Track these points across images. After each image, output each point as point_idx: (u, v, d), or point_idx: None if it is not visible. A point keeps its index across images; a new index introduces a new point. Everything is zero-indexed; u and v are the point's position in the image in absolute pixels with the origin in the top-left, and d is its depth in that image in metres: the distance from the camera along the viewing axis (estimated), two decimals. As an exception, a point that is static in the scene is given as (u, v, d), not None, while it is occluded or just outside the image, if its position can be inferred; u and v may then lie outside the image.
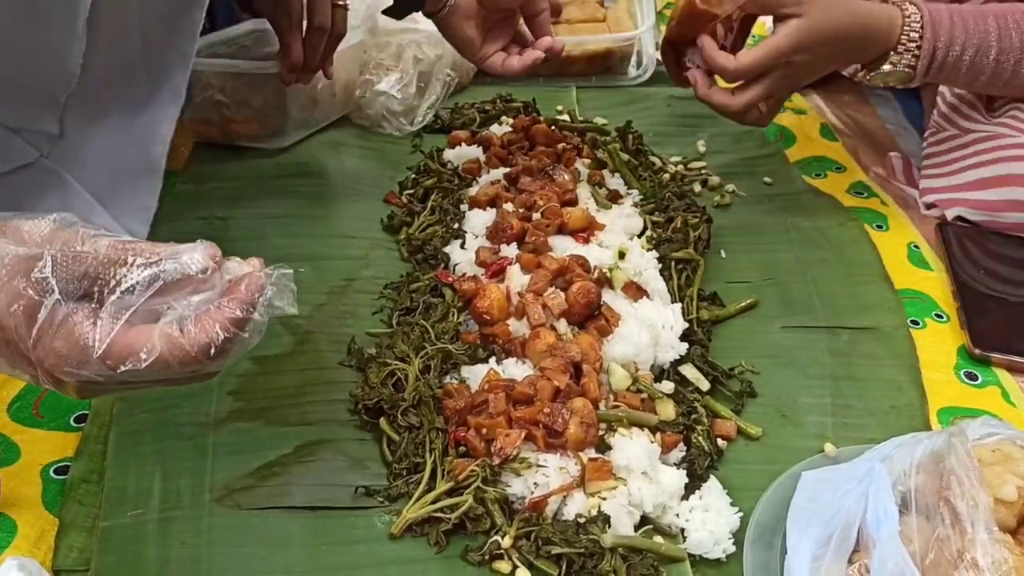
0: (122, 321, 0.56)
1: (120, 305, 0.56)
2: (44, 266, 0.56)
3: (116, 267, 0.57)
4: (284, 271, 0.61)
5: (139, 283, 0.57)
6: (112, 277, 0.57)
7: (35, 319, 0.55)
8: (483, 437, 0.81)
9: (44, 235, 0.58)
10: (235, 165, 1.24)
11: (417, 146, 1.34)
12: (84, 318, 0.56)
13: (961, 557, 0.62)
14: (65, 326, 0.56)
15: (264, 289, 0.59)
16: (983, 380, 0.97)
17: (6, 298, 0.55)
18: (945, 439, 0.69)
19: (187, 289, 0.58)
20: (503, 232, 1.05)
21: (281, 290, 0.61)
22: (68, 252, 0.56)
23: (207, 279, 0.58)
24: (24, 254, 0.56)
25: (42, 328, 0.55)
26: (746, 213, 1.22)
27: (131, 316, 0.56)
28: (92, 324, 0.56)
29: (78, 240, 0.58)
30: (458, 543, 0.76)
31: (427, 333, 0.94)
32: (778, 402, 0.92)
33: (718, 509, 0.78)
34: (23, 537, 0.75)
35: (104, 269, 0.57)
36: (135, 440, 0.82)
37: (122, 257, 0.57)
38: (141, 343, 0.56)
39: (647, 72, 1.56)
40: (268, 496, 0.79)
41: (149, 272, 0.57)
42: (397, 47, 1.36)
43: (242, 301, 0.58)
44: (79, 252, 0.57)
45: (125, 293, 0.56)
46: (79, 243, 0.58)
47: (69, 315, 0.56)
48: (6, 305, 0.55)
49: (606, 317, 0.93)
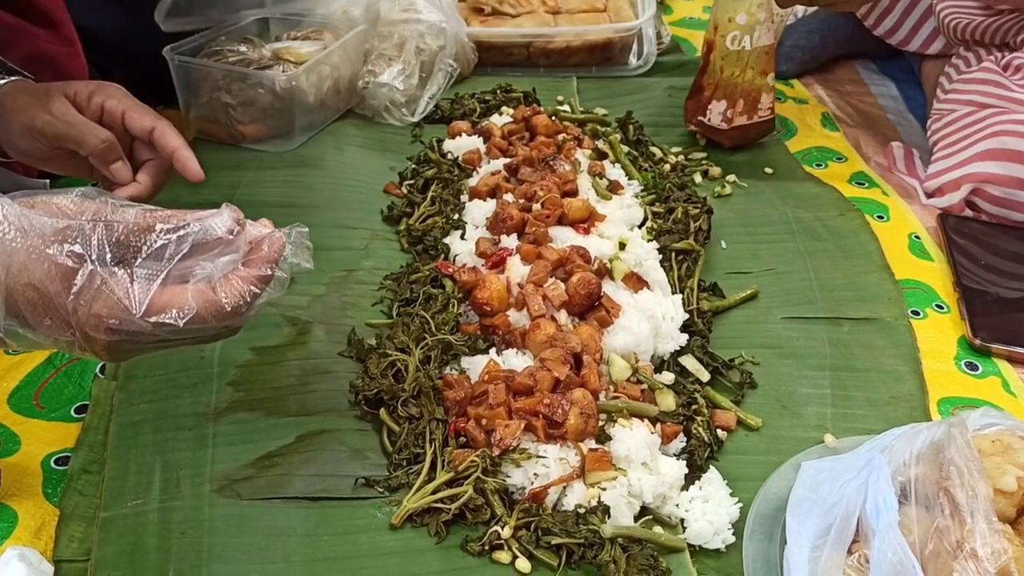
0: (158, 282, 0.61)
1: (153, 268, 0.61)
2: (77, 236, 0.60)
3: (145, 233, 0.62)
4: (301, 229, 0.68)
5: (169, 246, 0.62)
6: (143, 242, 0.62)
7: (72, 284, 0.60)
8: (483, 428, 0.81)
9: (74, 207, 0.61)
10: (234, 155, 1.24)
11: (417, 136, 1.34)
12: (120, 281, 0.61)
13: (960, 547, 0.62)
14: (103, 290, 0.60)
15: (284, 247, 0.65)
16: (983, 370, 0.97)
17: (45, 266, 0.59)
18: (945, 429, 0.69)
19: (215, 251, 0.63)
20: (503, 223, 1.05)
21: (298, 247, 0.68)
22: (99, 220, 0.61)
23: (233, 241, 0.64)
24: (59, 225, 0.60)
25: (80, 292, 0.60)
26: (747, 204, 1.22)
27: (164, 278, 0.62)
28: (128, 286, 0.61)
29: (107, 210, 0.62)
30: (458, 533, 0.76)
31: (427, 324, 0.94)
32: (778, 393, 0.92)
33: (718, 499, 0.79)
34: (24, 527, 0.75)
35: (135, 235, 0.62)
36: (135, 430, 0.83)
37: (150, 223, 0.62)
38: (178, 301, 0.61)
39: (648, 62, 1.55)
40: (268, 486, 0.79)
41: (177, 235, 0.62)
42: (399, 37, 1.36)
43: (266, 260, 0.64)
44: (110, 220, 0.61)
45: (155, 256, 0.61)
46: (109, 212, 0.61)
47: (105, 279, 0.60)
48: (45, 272, 0.59)
49: (606, 308, 0.93)
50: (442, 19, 1.38)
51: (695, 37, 1.72)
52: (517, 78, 1.48)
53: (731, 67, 1.26)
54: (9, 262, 0.59)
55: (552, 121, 1.29)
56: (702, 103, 1.30)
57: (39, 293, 0.60)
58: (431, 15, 1.36)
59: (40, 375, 0.90)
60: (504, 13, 1.58)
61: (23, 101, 0.87)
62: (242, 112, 1.22)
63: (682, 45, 1.68)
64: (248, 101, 1.21)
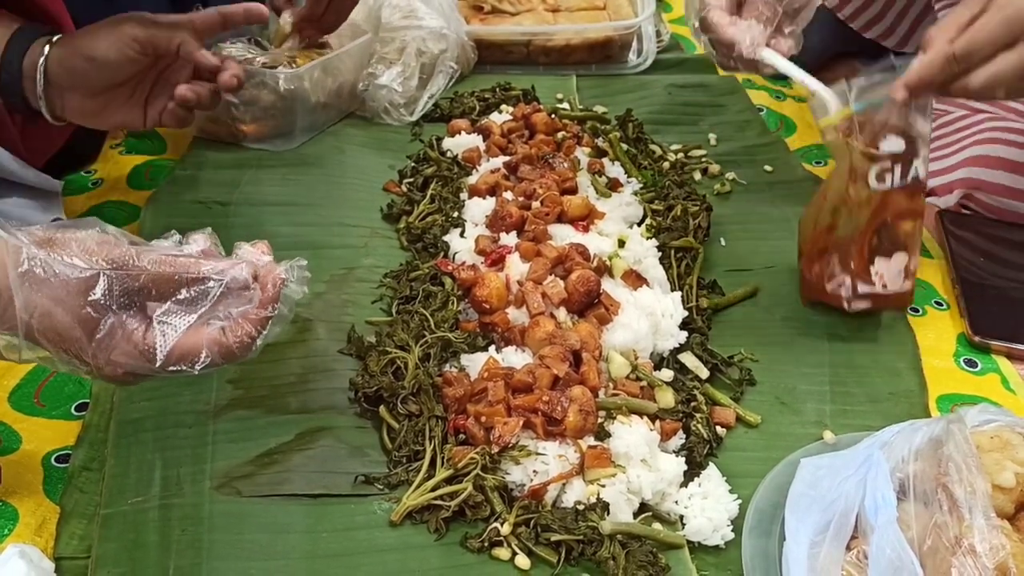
0: (178, 336, 0.65)
1: (173, 320, 0.65)
2: (101, 285, 0.63)
3: (167, 284, 0.65)
4: (301, 263, 0.71)
5: (189, 300, 0.66)
6: (164, 293, 0.65)
7: (94, 334, 0.64)
8: (482, 425, 0.81)
9: (96, 246, 0.64)
10: (235, 153, 1.24)
11: (417, 135, 1.34)
12: (140, 332, 0.65)
13: (959, 543, 0.62)
14: (122, 338, 0.64)
15: (283, 284, 0.69)
16: (982, 367, 0.97)
17: (69, 315, 0.63)
18: (944, 426, 0.69)
19: (229, 300, 0.67)
20: (503, 220, 1.05)
21: (298, 280, 0.70)
22: (121, 271, 0.64)
23: (248, 294, 0.67)
24: (83, 275, 0.63)
25: (101, 341, 0.64)
26: (746, 201, 1.22)
27: (184, 331, 0.66)
28: (148, 337, 0.65)
29: (129, 256, 0.64)
30: (457, 530, 0.76)
31: (427, 321, 0.94)
32: (777, 389, 0.92)
33: (717, 496, 0.79)
34: (25, 525, 0.75)
35: (157, 285, 0.65)
36: (136, 428, 0.83)
37: (172, 274, 0.65)
38: (194, 351, 0.66)
39: (647, 60, 1.55)
40: (268, 483, 0.79)
41: (198, 289, 0.66)
42: (400, 42, 1.36)
43: (270, 300, 0.68)
44: (132, 269, 0.64)
45: (176, 311, 0.65)
46: (132, 258, 0.64)
47: (126, 331, 0.64)
48: (69, 322, 0.63)
49: (605, 305, 0.93)
50: (443, 25, 1.38)
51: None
52: (516, 76, 1.48)
53: (888, 208, 0.91)
54: (32, 307, 0.62)
55: (551, 119, 1.30)
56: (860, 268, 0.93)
57: (61, 336, 0.63)
58: (432, 21, 1.36)
59: (41, 373, 0.90)
60: (503, 11, 1.58)
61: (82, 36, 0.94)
62: (244, 111, 1.22)
63: (681, 43, 1.68)
64: (250, 100, 1.21)
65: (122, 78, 0.98)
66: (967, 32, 0.86)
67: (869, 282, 0.94)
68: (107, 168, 1.24)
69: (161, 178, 1.20)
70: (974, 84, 0.86)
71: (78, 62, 0.94)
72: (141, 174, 1.23)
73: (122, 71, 0.97)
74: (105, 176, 1.22)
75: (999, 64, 0.85)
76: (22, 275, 0.61)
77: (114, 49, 0.94)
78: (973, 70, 0.86)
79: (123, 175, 1.23)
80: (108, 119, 1.00)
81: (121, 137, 1.29)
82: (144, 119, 1.01)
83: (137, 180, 1.22)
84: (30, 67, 0.94)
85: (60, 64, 0.94)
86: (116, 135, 1.29)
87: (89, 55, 0.94)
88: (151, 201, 1.13)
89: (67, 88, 0.95)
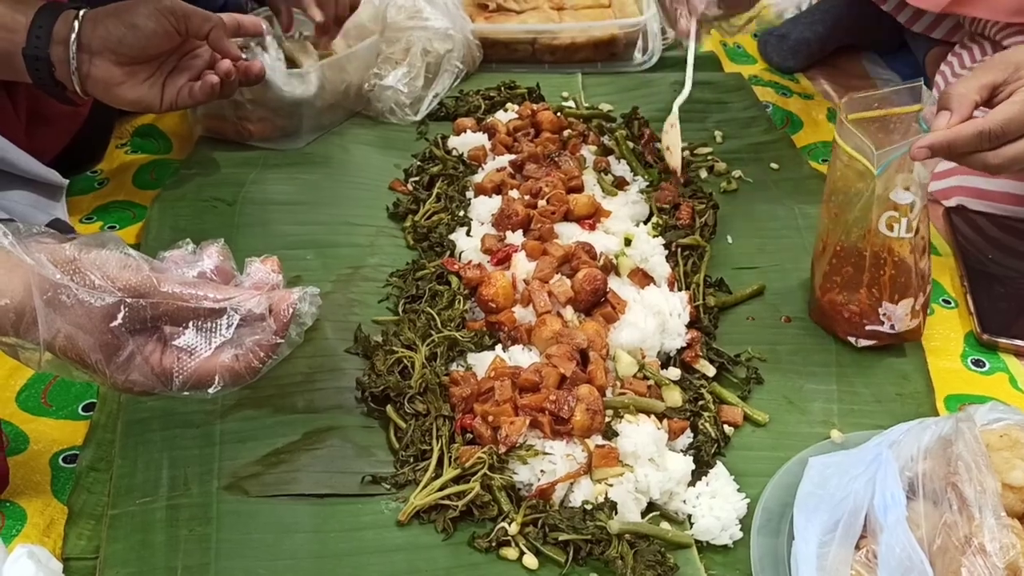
0: (194, 364, 0.68)
1: (192, 348, 0.68)
2: (123, 313, 0.66)
3: (187, 313, 0.68)
4: (313, 292, 0.73)
5: (207, 331, 0.69)
6: (184, 321, 0.68)
7: (114, 358, 0.67)
8: (489, 424, 0.81)
9: (116, 274, 0.66)
10: (241, 152, 1.24)
11: (422, 133, 1.33)
12: (159, 358, 0.68)
13: (968, 542, 0.62)
14: (140, 361, 0.67)
15: (295, 311, 0.71)
16: (990, 367, 0.96)
17: (92, 340, 0.66)
18: (953, 424, 0.68)
19: (243, 328, 0.69)
20: (509, 219, 1.05)
21: (310, 306, 0.73)
22: (142, 299, 0.66)
23: (262, 324, 0.70)
24: (105, 304, 0.65)
25: (120, 364, 0.67)
26: (753, 199, 1.22)
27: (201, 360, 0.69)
28: (166, 362, 0.68)
29: (149, 283, 0.67)
30: (465, 530, 0.76)
31: (433, 321, 0.94)
32: (784, 388, 0.92)
33: (725, 495, 0.78)
34: (33, 525, 0.76)
35: (177, 314, 0.68)
36: (143, 428, 0.83)
37: (190, 302, 0.68)
38: (208, 378, 0.69)
39: (652, 58, 1.55)
40: (276, 483, 0.79)
41: (217, 322, 0.69)
42: (407, 42, 1.36)
43: (283, 329, 0.70)
44: (152, 297, 0.66)
45: (194, 340, 0.68)
46: (152, 286, 0.67)
47: (142, 351, 0.67)
48: (91, 345, 0.66)
49: (612, 304, 0.93)
50: (448, 25, 1.38)
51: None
52: (522, 74, 1.48)
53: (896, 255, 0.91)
54: (56, 330, 0.65)
55: (557, 117, 1.29)
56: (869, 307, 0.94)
57: (81, 357, 0.66)
58: (438, 21, 1.36)
59: (47, 373, 0.90)
60: (509, 9, 1.58)
61: (120, 6, 0.99)
62: (251, 110, 1.22)
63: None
64: (257, 99, 1.21)
65: (152, 51, 1.01)
66: (1001, 111, 0.85)
67: (877, 322, 0.94)
68: (113, 168, 1.24)
69: (167, 177, 1.20)
70: (995, 160, 0.86)
71: (114, 26, 0.98)
72: (147, 173, 1.23)
73: (155, 42, 1.00)
74: (111, 176, 1.23)
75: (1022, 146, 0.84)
76: (47, 301, 0.64)
77: (153, 19, 0.99)
78: (1000, 147, 0.85)
79: (129, 175, 1.23)
80: (127, 93, 1.02)
81: (127, 137, 1.29)
82: (160, 100, 1.04)
83: (143, 180, 1.22)
84: (62, 30, 0.96)
85: (95, 26, 0.97)
86: (122, 135, 1.29)
87: (129, 21, 0.98)
88: (157, 201, 1.14)
89: (97, 52, 0.98)
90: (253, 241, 1.06)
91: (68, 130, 1.16)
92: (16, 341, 0.66)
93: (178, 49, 1.05)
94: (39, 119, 1.10)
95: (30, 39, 0.96)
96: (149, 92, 1.03)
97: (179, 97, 1.05)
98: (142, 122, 1.32)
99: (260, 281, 0.73)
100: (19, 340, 0.66)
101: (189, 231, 1.06)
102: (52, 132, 1.13)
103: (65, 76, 0.98)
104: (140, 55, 1.01)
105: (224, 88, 1.06)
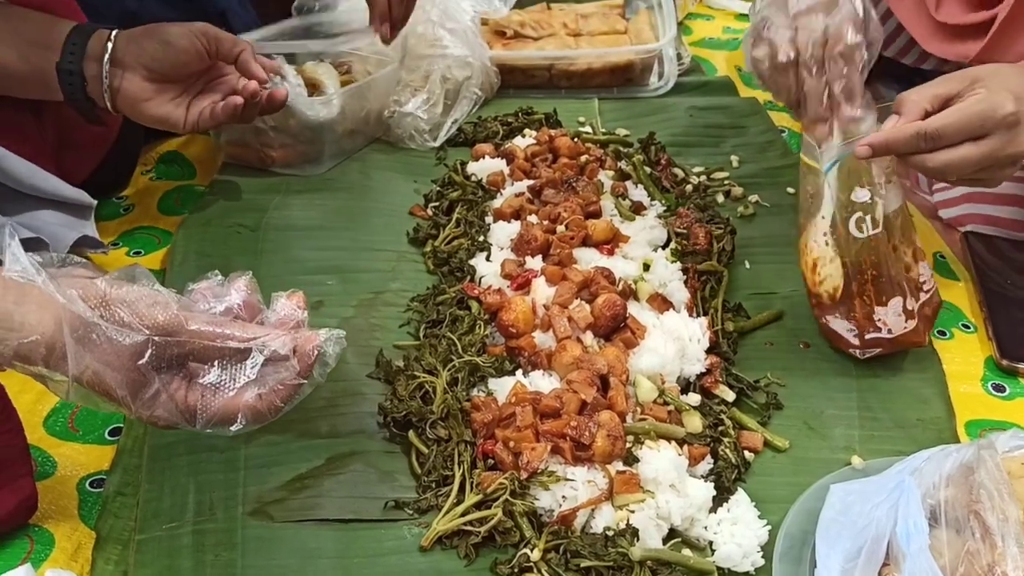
0: (219, 403, 0.70)
1: (216, 386, 0.70)
2: (149, 353, 0.67)
3: (213, 353, 0.70)
4: (339, 334, 0.74)
5: (233, 370, 0.70)
6: (210, 360, 0.70)
7: (141, 395, 0.68)
8: (511, 450, 0.81)
9: (145, 312, 0.68)
10: (264, 178, 1.25)
11: (442, 159, 1.35)
12: (184, 396, 0.69)
13: (991, 571, 0.62)
14: (166, 397, 0.69)
15: (320, 352, 0.72)
16: (1011, 392, 0.96)
17: (119, 377, 0.67)
18: (975, 452, 0.69)
19: (267, 368, 0.71)
20: (528, 244, 1.06)
21: (335, 347, 0.73)
22: (170, 338, 0.68)
23: (286, 363, 0.71)
24: (134, 342, 0.67)
25: (146, 400, 0.69)
26: (770, 224, 1.22)
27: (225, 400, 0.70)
28: (187, 395, 0.69)
29: (177, 323, 0.68)
30: (487, 556, 0.77)
31: (454, 346, 0.95)
32: (804, 414, 0.92)
33: (746, 522, 0.79)
34: (60, 550, 0.77)
35: (203, 353, 0.69)
36: (169, 453, 0.84)
37: (216, 341, 0.69)
38: (231, 416, 0.70)
39: (668, 83, 1.56)
40: (299, 508, 0.80)
41: (242, 363, 0.70)
42: (426, 70, 1.38)
43: (305, 368, 0.71)
44: (180, 335, 0.68)
45: (219, 378, 0.70)
46: (180, 325, 0.68)
47: (168, 388, 0.69)
48: (119, 382, 0.67)
49: (632, 329, 0.94)
50: (467, 53, 1.40)
51: (715, 57, 1.73)
52: (539, 100, 1.49)
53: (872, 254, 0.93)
54: (84, 366, 0.66)
55: (574, 143, 1.31)
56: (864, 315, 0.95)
57: (108, 392, 0.68)
58: (457, 49, 1.38)
59: (75, 398, 0.91)
60: (526, 36, 1.60)
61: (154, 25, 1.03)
62: (273, 137, 1.24)
63: (702, 65, 1.69)
64: (279, 126, 1.23)
65: (183, 69, 1.05)
66: (942, 115, 0.87)
67: (875, 329, 0.95)
68: (138, 194, 1.26)
69: (191, 203, 1.22)
70: (932, 163, 0.88)
71: (148, 43, 1.02)
72: (171, 200, 1.25)
73: (186, 59, 1.04)
74: (136, 202, 1.25)
75: (961, 152, 0.87)
76: (77, 339, 0.66)
77: (186, 38, 1.03)
78: (937, 150, 0.87)
79: (154, 201, 1.25)
80: (154, 110, 1.05)
81: (152, 163, 1.31)
82: (184, 120, 1.06)
83: (167, 206, 1.24)
84: (97, 47, 1.00)
85: (129, 43, 1.01)
86: (147, 161, 1.31)
87: (163, 38, 1.03)
88: (182, 227, 1.15)
89: (129, 67, 1.01)
90: (276, 267, 1.07)
91: (96, 156, 1.18)
92: (46, 372, 0.67)
93: (206, 73, 1.09)
94: (68, 145, 1.12)
95: (64, 55, 1.00)
96: (175, 111, 1.06)
97: (201, 118, 1.07)
98: (167, 148, 1.34)
99: (286, 317, 0.74)
100: (49, 372, 0.67)
101: (213, 257, 1.08)
102: (80, 158, 1.15)
103: (97, 92, 1.01)
104: (171, 72, 1.04)
105: (246, 111, 1.08)
